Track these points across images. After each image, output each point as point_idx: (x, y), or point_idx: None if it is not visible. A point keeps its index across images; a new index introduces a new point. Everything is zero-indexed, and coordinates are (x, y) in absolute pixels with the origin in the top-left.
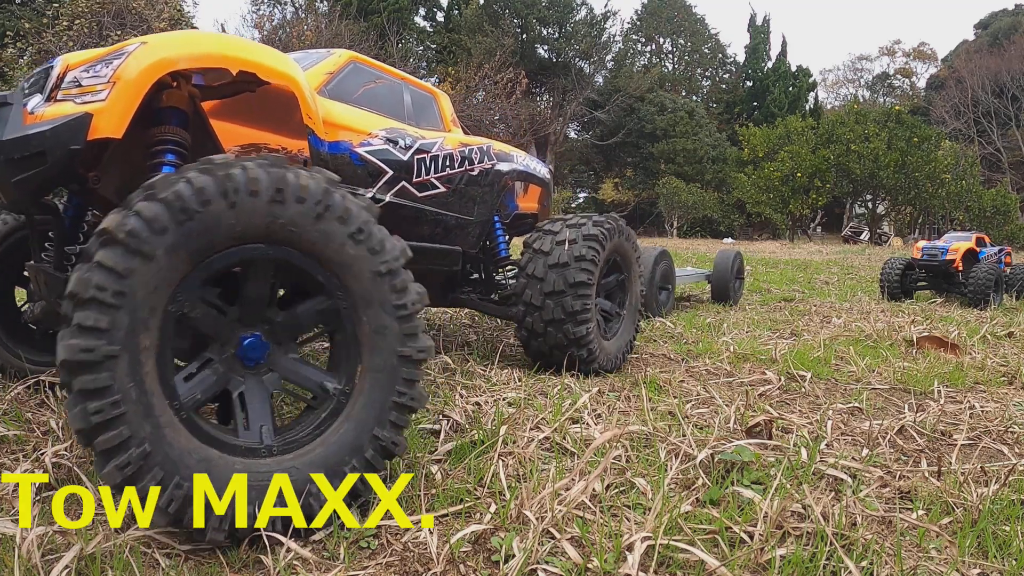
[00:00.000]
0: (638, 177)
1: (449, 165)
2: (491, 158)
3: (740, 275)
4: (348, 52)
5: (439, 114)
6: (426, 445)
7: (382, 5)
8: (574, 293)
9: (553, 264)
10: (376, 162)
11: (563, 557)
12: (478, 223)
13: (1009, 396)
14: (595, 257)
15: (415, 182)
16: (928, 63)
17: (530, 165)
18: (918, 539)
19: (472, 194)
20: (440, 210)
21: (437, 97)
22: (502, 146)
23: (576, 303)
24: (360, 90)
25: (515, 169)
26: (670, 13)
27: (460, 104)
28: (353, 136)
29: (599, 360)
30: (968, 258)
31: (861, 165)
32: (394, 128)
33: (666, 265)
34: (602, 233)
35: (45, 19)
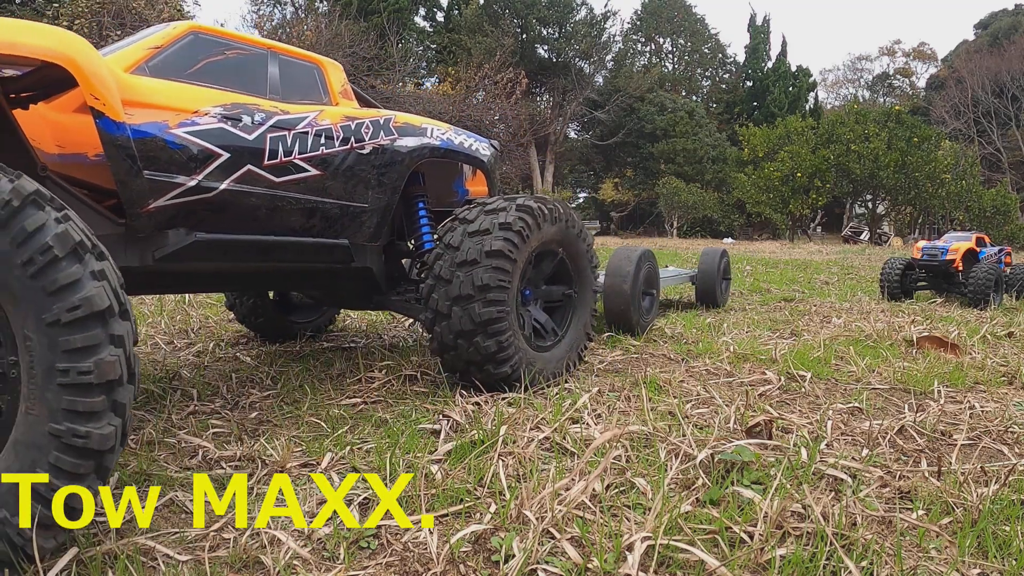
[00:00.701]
0: (638, 177)
1: (325, 143)
2: (389, 133)
3: (727, 276)
4: (189, 23)
5: (324, 86)
6: (426, 445)
7: (382, 5)
8: (484, 298)
9: (461, 262)
10: (202, 144)
11: (563, 557)
12: (376, 211)
13: (1009, 396)
14: (512, 252)
15: (268, 165)
16: (928, 63)
17: (456, 141)
18: (918, 539)
19: (363, 177)
20: (314, 197)
21: (323, 67)
22: (410, 118)
23: (486, 310)
24: (200, 63)
25: (427, 146)
26: (670, 13)
27: (460, 104)
28: (170, 116)
29: (526, 377)
30: (968, 258)
31: (861, 165)
32: (237, 104)
33: (650, 267)
34: (525, 221)
35: (45, 19)
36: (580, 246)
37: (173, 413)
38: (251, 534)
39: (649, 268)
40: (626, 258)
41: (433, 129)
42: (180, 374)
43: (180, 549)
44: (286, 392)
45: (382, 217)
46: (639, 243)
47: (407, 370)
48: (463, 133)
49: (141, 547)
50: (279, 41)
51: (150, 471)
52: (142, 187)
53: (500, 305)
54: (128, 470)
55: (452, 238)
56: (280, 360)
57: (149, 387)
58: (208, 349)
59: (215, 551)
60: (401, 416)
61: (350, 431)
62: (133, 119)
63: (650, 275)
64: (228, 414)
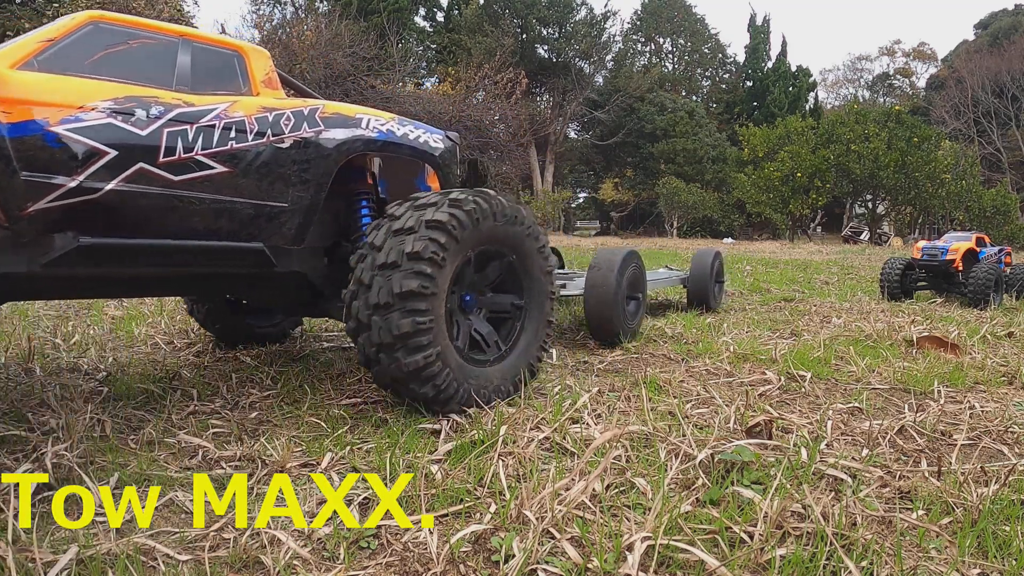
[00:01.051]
0: (638, 177)
1: (235, 138)
2: (314, 124)
3: (720, 278)
4: (89, 12)
5: (245, 75)
6: (426, 445)
7: (382, 5)
8: (403, 307)
9: (381, 264)
10: (86, 142)
11: (563, 557)
12: (298, 211)
13: (1009, 396)
14: (439, 254)
15: (164, 163)
16: (928, 63)
17: (398, 132)
18: (918, 539)
19: (282, 173)
20: (222, 197)
21: (245, 54)
22: (343, 108)
23: (405, 321)
24: (98, 55)
25: (359, 138)
26: (670, 13)
27: (460, 104)
28: (51, 112)
29: (459, 397)
30: (968, 258)
31: (861, 165)
32: (132, 97)
33: (635, 270)
34: (457, 218)
35: (45, 19)
36: (529, 246)
37: (173, 413)
38: (251, 534)
39: (635, 270)
40: (609, 260)
41: (370, 120)
42: (180, 374)
43: (180, 549)
44: (286, 392)
45: (306, 217)
46: (639, 243)
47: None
48: (410, 124)
49: (141, 547)
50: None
51: (150, 471)
52: (18, 189)
53: (422, 315)
54: (128, 470)
55: (376, 237)
56: (280, 360)
57: (149, 387)
58: (208, 349)
59: (215, 551)
60: (401, 416)
61: (350, 431)
62: (10, 117)
63: (636, 278)
64: (228, 414)
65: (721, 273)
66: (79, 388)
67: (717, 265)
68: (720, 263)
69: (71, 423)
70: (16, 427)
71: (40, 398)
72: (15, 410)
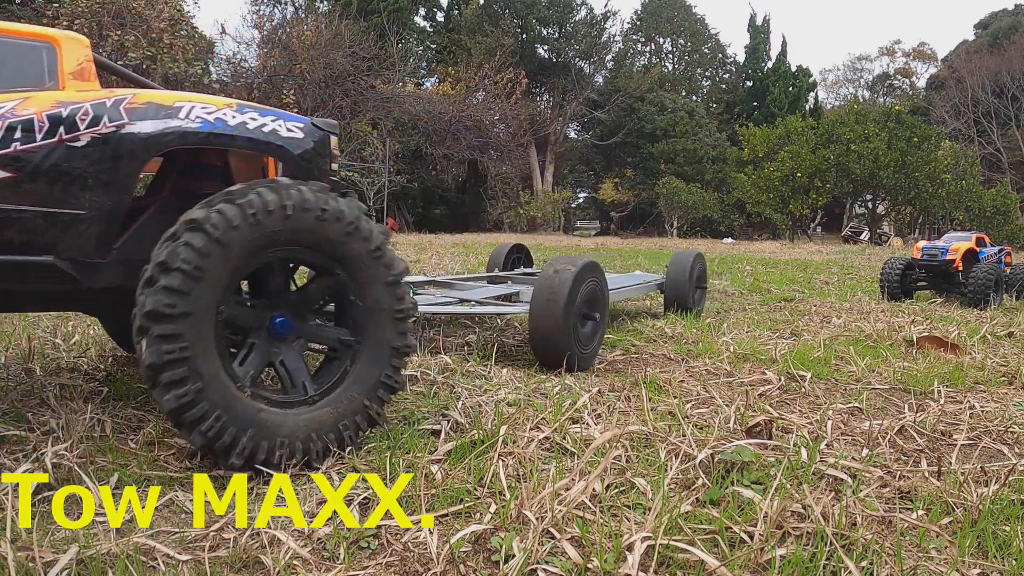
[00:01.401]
0: (638, 177)
1: (21, 138)
2: (117, 118)
3: (701, 284)
4: None
5: (53, 68)
6: (426, 445)
7: (382, 5)
8: (152, 332)
9: (146, 279)
10: None
11: (563, 557)
12: (98, 218)
13: (1009, 396)
14: (192, 263)
15: None
16: (928, 63)
17: (232, 122)
18: (918, 539)
19: (77, 175)
20: (4, 205)
21: (56, 44)
22: (157, 95)
23: (154, 349)
24: None
25: (175, 131)
26: (670, 13)
27: (460, 104)
28: None
29: (240, 449)
30: (968, 258)
31: (861, 165)
32: None
33: (593, 285)
34: (222, 215)
35: (45, 19)
36: (356, 251)
37: None
38: (251, 534)
39: (592, 287)
40: (560, 272)
41: (193, 108)
42: None
43: (180, 549)
44: None
45: (108, 225)
46: (639, 243)
47: (407, 370)
48: (253, 111)
49: (141, 547)
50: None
51: (150, 471)
52: None
53: (171, 341)
54: (128, 470)
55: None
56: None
57: None
58: None
59: (215, 551)
60: (401, 416)
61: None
62: None
63: (593, 295)
64: None
65: (703, 278)
66: (79, 388)
67: (698, 268)
68: (702, 266)
69: (71, 423)
70: (16, 427)
71: (40, 398)
72: (15, 410)
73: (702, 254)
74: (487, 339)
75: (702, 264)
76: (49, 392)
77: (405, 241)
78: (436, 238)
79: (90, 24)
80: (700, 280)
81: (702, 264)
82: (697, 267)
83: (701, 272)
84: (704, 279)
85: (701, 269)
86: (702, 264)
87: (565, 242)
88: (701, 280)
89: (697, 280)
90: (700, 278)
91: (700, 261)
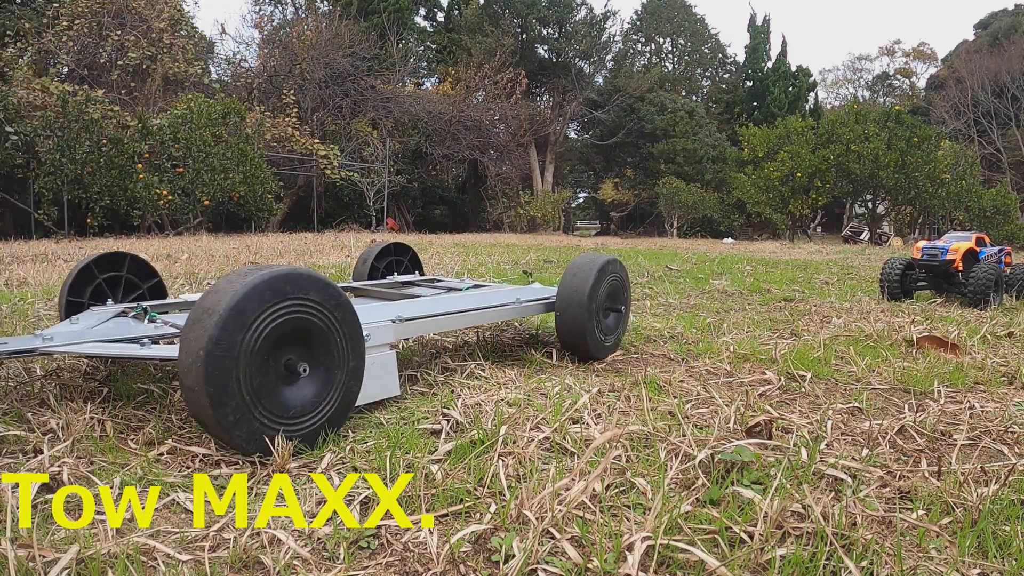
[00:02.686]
0: (638, 177)
1: None
2: None
3: (615, 306)
4: None
5: None
6: (426, 445)
7: (382, 5)
8: None
9: None
10: None
11: (563, 557)
12: None
13: (1009, 396)
14: None
15: None
16: (928, 63)
17: None
18: (918, 539)
19: None
20: None
21: None
22: None
23: None
24: None
25: None
26: (670, 13)
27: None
28: None
29: None
30: (968, 258)
31: (861, 165)
32: None
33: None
34: None
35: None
36: None
37: (173, 413)
38: (251, 534)
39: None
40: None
41: None
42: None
43: (180, 549)
44: None
45: None
46: (639, 243)
47: (407, 370)
48: None
49: (141, 547)
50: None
51: (150, 471)
52: None
53: None
54: (128, 470)
55: None
56: None
57: (149, 387)
58: None
59: (215, 551)
60: (401, 416)
61: (350, 431)
62: None
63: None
64: None
65: (618, 296)
66: (79, 388)
67: (609, 282)
68: (620, 280)
69: (71, 423)
70: (16, 427)
71: (40, 398)
72: (15, 410)
73: (616, 260)
74: (487, 339)
75: (619, 276)
76: (49, 392)
77: (405, 241)
78: (436, 238)
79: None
80: (613, 299)
81: (619, 276)
82: (605, 282)
83: (616, 287)
84: (620, 297)
85: (618, 281)
86: (619, 276)
87: (565, 242)
88: (615, 299)
89: (609, 299)
90: (614, 295)
91: (615, 270)
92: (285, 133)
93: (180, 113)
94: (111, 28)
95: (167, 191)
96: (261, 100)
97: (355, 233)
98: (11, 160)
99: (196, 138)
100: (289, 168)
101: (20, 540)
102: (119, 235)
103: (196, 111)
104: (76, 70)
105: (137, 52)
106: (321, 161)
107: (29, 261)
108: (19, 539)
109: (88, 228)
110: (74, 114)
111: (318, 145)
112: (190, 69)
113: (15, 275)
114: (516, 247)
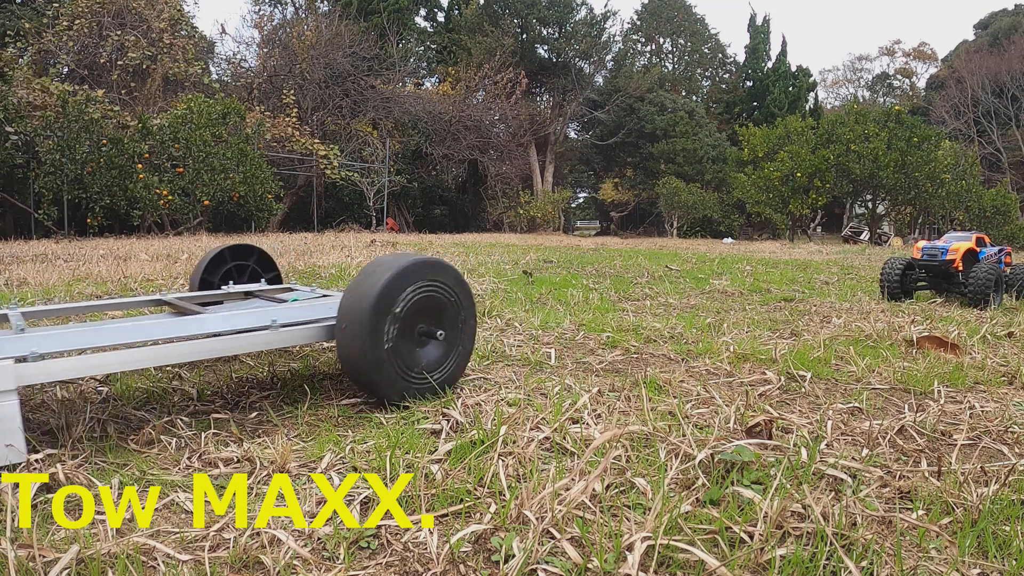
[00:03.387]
0: (638, 177)
1: None
2: None
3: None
4: None
5: None
6: (426, 445)
7: (382, 5)
8: None
9: None
10: None
11: (563, 557)
12: None
13: (1009, 396)
14: None
15: None
16: (928, 63)
17: None
18: (918, 539)
19: None
20: None
21: None
22: None
23: None
24: None
25: None
26: (670, 13)
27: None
28: None
29: None
30: (968, 258)
31: (861, 165)
32: None
33: None
34: None
35: (45, 19)
36: None
37: (173, 413)
38: (251, 534)
39: None
40: None
41: None
42: (180, 374)
43: (180, 549)
44: (286, 392)
45: None
46: (638, 243)
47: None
48: None
49: (141, 547)
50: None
51: (150, 471)
52: None
53: None
54: (128, 470)
55: None
56: (280, 360)
57: (149, 387)
58: None
59: (215, 551)
60: (401, 416)
61: (350, 431)
62: None
63: None
64: (228, 414)
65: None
66: (79, 388)
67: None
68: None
69: (71, 423)
70: None
71: (40, 398)
72: None
73: (442, 263)
74: (487, 339)
75: (441, 284)
76: (49, 392)
77: (405, 241)
78: (436, 238)
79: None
80: (429, 320)
81: (441, 284)
82: (415, 289)
83: (435, 302)
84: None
85: (437, 295)
86: (441, 284)
87: (565, 242)
88: (433, 320)
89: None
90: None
91: (435, 277)
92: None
93: (180, 113)
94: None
95: (167, 191)
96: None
97: (355, 233)
98: (11, 160)
99: (196, 138)
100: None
101: (20, 540)
102: (119, 235)
103: (196, 111)
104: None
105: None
106: (321, 161)
107: (29, 261)
108: (19, 539)
109: (88, 228)
110: (74, 114)
111: (318, 145)
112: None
113: (15, 275)
114: (516, 247)
